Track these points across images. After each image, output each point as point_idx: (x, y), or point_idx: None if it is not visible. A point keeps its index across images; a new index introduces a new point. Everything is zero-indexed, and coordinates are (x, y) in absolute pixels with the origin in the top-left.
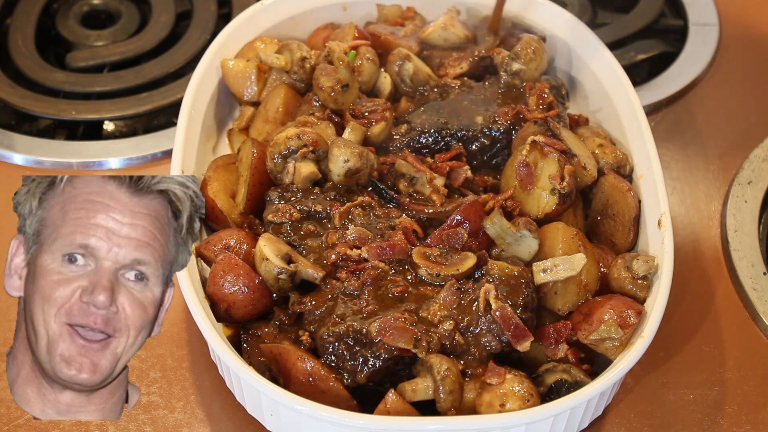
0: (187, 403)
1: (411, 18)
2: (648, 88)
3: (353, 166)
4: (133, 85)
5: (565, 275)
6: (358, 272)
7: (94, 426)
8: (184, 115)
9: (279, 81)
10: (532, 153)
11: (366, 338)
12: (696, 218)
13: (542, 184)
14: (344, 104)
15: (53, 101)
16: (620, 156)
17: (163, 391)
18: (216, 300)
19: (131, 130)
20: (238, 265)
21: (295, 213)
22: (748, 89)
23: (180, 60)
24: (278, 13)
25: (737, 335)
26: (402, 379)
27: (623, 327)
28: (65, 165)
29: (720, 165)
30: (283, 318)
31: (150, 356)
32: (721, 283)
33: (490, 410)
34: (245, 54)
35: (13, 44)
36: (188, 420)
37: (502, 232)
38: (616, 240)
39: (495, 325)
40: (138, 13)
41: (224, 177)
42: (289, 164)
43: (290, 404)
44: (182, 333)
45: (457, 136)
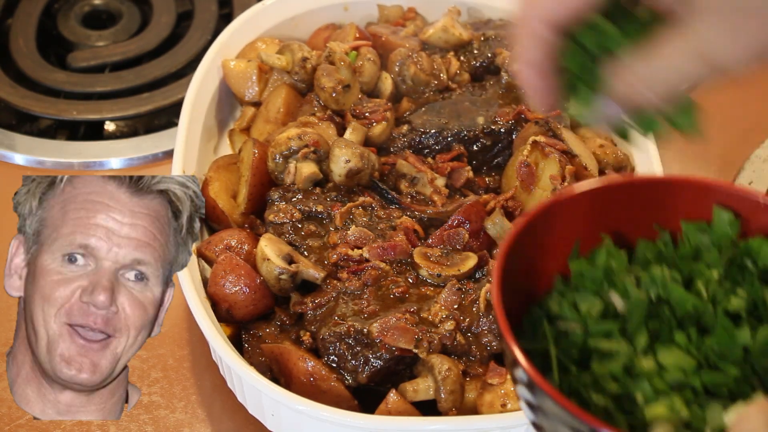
0: (189, 403)
1: (412, 18)
2: None
3: (354, 166)
4: (134, 86)
5: None
6: (359, 272)
7: (96, 426)
8: (185, 116)
9: (280, 81)
10: (533, 153)
11: (367, 338)
12: None
13: (543, 184)
14: (345, 105)
15: (54, 101)
16: (621, 156)
17: (164, 391)
18: (217, 300)
19: (132, 131)
20: (240, 265)
21: (296, 213)
22: (748, 90)
23: (181, 60)
24: (279, 14)
25: None
26: (403, 379)
27: None
28: (66, 165)
29: (721, 165)
30: (284, 318)
31: (151, 356)
32: None
33: (492, 410)
34: (246, 54)
35: (14, 44)
36: (189, 420)
37: (504, 232)
38: None
39: (496, 325)
40: (139, 14)
41: (225, 177)
42: (290, 164)
43: (291, 404)
44: (183, 333)
45: (458, 137)
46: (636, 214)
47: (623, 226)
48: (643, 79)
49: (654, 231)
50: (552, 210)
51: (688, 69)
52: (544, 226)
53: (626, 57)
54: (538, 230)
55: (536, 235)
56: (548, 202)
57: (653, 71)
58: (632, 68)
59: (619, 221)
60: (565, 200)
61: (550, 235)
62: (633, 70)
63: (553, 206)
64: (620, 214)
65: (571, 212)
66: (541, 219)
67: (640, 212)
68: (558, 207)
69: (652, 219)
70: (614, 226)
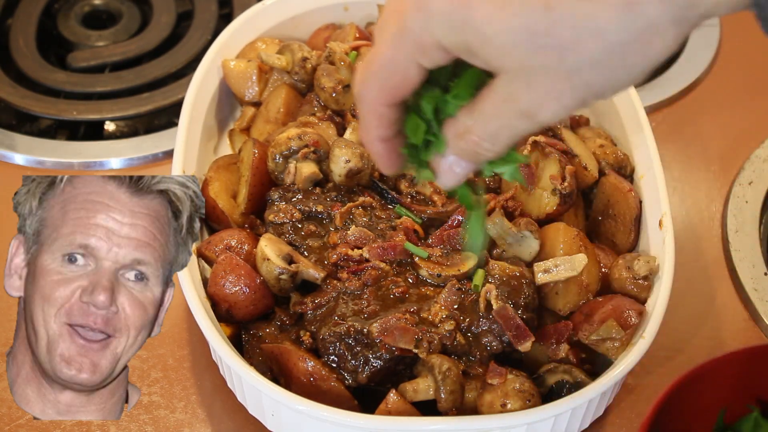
0: (189, 403)
1: None
2: (649, 89)
3: (354, 166)
4: (134, 86)
5: (566, 275)
6: (359, 272)
7: (96, 426)
8: (185, 116)
9: (280, 81)
10: (533, 153)
11: (367, 338)
12: (697, 219)
13: (543, 184)
14: (345, 104)
15: (54, 101)
16: (621, 156)
17: (164, 391)
18: (217, 300)
19: (132, 131)
20: (240, 265)
21: (296, 213)
22: (749, 90)
23: (181, 60)
24: (279, 14)
25: (738, 336)
26: (403, 379)
27: (624, 327)
28: (66, 165)
29: (721, 165)
30: (284, 318)
31: (151, 356)
32: (722, 284)
33: (492, 410)
34: (246, 54)
35: (15, 44)
36: (189, 420)
37: (503, 232)
38: (617, 240)
39: (496, 326)
40: (139, 14)
41: (225, 177)
42: (291, 164)
43: (291, 404)
44: (183, 333)
45: None
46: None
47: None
48: (477, 134)
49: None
50: (696, 377)
51: (515, 125)
52: (689, 392)
53: (462, 116)
54: (682, 397)
55: (680, 401)
56: (691, 370)
57: (486, 127)
58: (467, 126)
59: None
60: (711, 365)
61: (695, 402)
62: (468, 128)
63: (696, 373)
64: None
65: (716, 378)
66: (684, 386)
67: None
68: (701, 374)
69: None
70: (763, 395)
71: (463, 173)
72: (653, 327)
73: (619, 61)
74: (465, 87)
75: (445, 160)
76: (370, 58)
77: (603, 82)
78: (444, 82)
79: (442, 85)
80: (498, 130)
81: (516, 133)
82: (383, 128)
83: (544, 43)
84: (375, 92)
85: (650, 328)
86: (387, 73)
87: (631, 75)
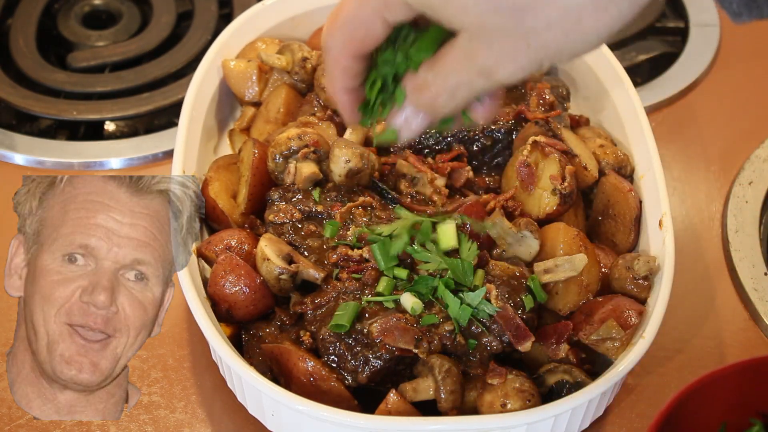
0: (189, 403)
1: None
2: (649, 89)
3: (354, 166)
4: (134, 86)
5: (566, 275)
6: (359, 272)
7: (96, 426)
8: (185, 116)
9: (280, 81)
10: (533, 153)
11: (367, 338)
12: (697, 219)
13: (543, 184)
14: None
15: (54, 101)
16: (621, 156)
17: (164, 391)
18: (217, 300)
19: (132, 131)
20: (240, 265)
21: (296, 213)
22: (749, 90)
23: (181, 60)
24: (279, 14)
25: (738, 336)
26: (403, 379)
27: (624, 327)
28: (66, 165)
29: (721, 165)
30: (284, 318)
31: (151, 356)
32: (722, 284)
33: (492, 410)
34: (246, 54)
35: (15, 44)
36: (189, 420)
37: (503, 232)
38: (617, 240)
39: (496, 326)
40: (139, 14)
41: (225, 177)
42: (291, 164)
43: (291, 404)
44: (183, 333)
45: (458, 137)
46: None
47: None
48: (436, 88)
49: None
50: (696, 390)
51: (473, 82)
52: (689, 406)
53: (422, 71)
54: (682, 411)
55: (681, 415)
56: (692, 383)
57: (445, 82)
58: (427, 80)
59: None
60: (711, 378)
61: (695, 416)
62: (428, 82)
63: (696, 386)
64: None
65: (717, 392)
66: (684, 400)
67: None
68: (701, 387)
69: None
70: (766, 408)
71: (419, 127)
72: (653, 327)
73: (574, 24)
74: (428, 41)
75: (401, 113)
76: (336, 11)
77: (559, 45)
78: (404, 43)
79: (403, 46)
80: (456, 85)
81: (473, 89)
82: (347, 79)
83: (503, 4)
84: (340, 45)
85: (650, 328)
86: (352, 26)
87: (586, 40)
